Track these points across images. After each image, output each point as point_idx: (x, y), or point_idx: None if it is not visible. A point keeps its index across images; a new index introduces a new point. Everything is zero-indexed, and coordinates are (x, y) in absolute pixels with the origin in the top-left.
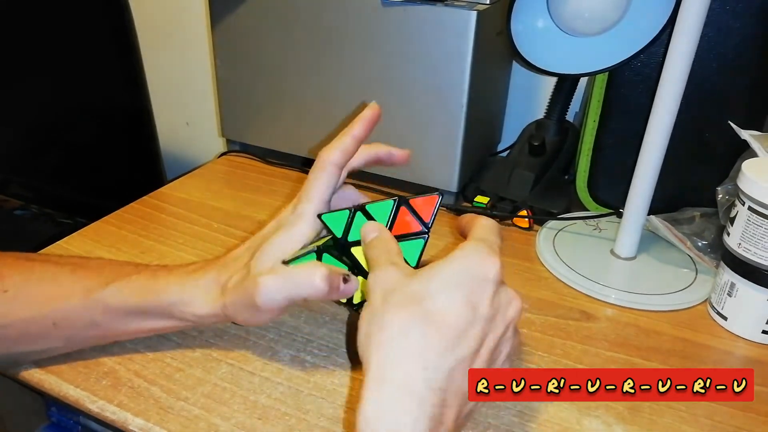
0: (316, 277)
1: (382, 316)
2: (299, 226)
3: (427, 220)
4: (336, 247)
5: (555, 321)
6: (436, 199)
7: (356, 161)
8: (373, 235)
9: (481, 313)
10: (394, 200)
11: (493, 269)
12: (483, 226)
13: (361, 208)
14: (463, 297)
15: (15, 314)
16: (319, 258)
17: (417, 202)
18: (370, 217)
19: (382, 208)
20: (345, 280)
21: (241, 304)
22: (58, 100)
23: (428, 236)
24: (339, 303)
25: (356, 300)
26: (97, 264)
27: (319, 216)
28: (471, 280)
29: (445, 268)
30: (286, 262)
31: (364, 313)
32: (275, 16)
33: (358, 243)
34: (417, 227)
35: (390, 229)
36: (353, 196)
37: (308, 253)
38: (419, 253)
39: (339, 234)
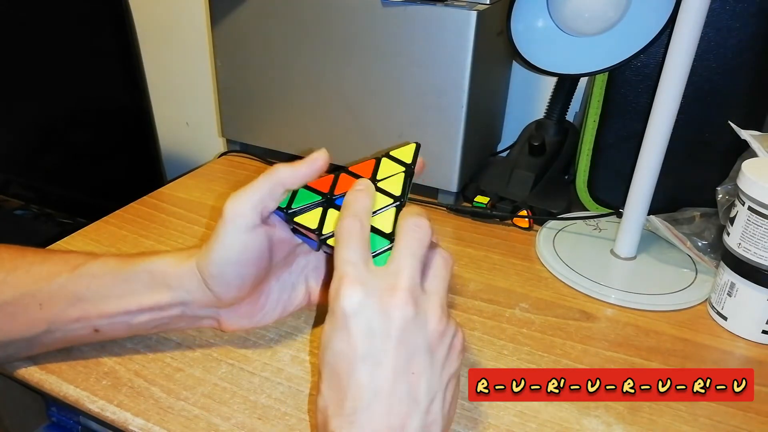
0: (276, 165)
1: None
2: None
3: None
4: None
5: (555, 321)
6: (414, 146)
7: None
8: (360, 188)
9: None
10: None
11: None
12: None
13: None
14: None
15: (2, 298)
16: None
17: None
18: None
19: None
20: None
21: (213, 240)
22: (59, 100)
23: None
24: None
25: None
26: (88, 251)
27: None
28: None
29: None
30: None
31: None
32: (275, 16)
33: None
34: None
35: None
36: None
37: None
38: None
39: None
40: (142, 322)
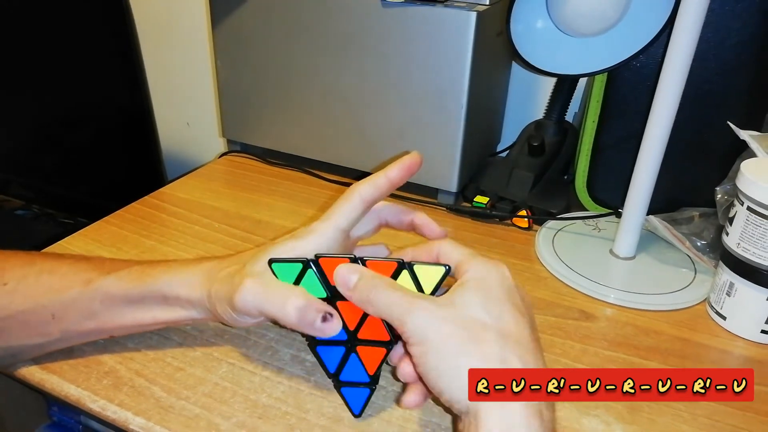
0: (289, 302)
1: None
2: (306, 240)
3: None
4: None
5: (554, 320)
6: (442, 272)
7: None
8: (354, 278)
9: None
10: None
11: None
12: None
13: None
14: (513, 305)
15: (14, 307)
16: (304, 271)
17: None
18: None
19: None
20: (325, 319)
21: (223, 297)
22: (59, 101)
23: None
24: (307, 341)
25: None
26: (98, 258)
27: (270, 262)
28: (510, 289)
29: (490, 287)
30: (271, 261)
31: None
32: (276, 16)
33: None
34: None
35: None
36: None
37: (295, 261)
38: None
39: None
40: (156, 327)
